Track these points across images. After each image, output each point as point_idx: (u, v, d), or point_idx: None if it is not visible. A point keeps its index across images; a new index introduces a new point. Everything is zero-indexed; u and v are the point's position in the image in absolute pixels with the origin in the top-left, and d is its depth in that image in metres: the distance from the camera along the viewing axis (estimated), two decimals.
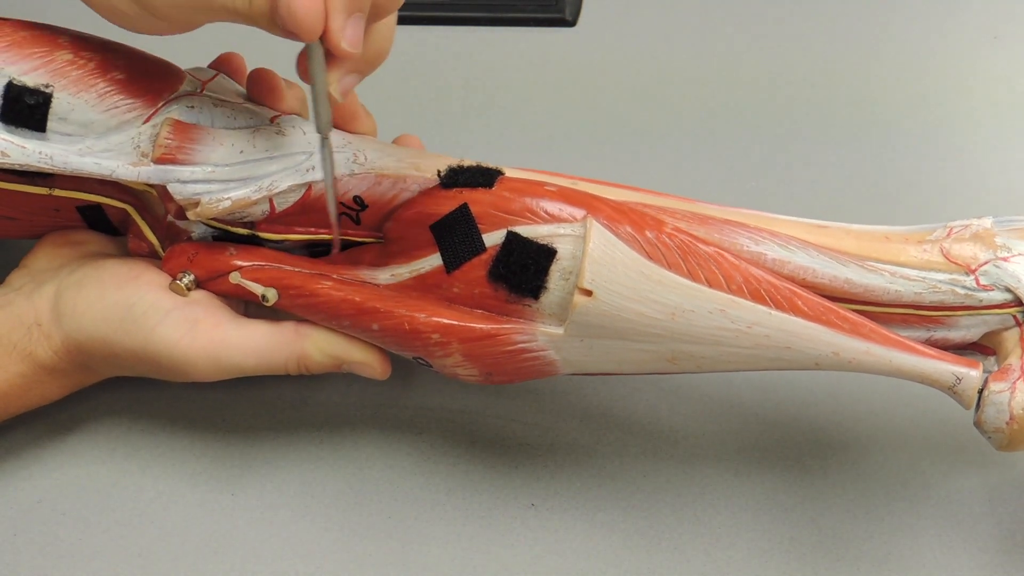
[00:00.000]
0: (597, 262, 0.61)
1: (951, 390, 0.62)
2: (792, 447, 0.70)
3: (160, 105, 0.64)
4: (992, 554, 0.66)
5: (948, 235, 0.64)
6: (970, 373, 0.61)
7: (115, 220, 0.68)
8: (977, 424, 0.62)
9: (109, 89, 0.63)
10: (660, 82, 0.86)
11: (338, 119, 0.67)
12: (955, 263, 0.64)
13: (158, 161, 0.63)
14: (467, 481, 0.68)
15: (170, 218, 0.66)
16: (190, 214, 0.63)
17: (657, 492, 0.68)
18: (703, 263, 0.62)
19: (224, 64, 0.69)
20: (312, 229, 0.65)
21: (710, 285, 0.61)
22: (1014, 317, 0.64)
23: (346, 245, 0.66)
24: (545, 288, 0.62)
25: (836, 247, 0.64)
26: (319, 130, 0.61)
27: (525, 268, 0.62)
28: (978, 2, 0.89)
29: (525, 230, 0.62)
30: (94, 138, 0.63)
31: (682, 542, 0.66)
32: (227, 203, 0.63)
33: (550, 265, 0.62)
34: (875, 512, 0.68)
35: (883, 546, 0.66)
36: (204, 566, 0.65)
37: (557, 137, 0.83)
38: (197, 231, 0.66)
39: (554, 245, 0.62)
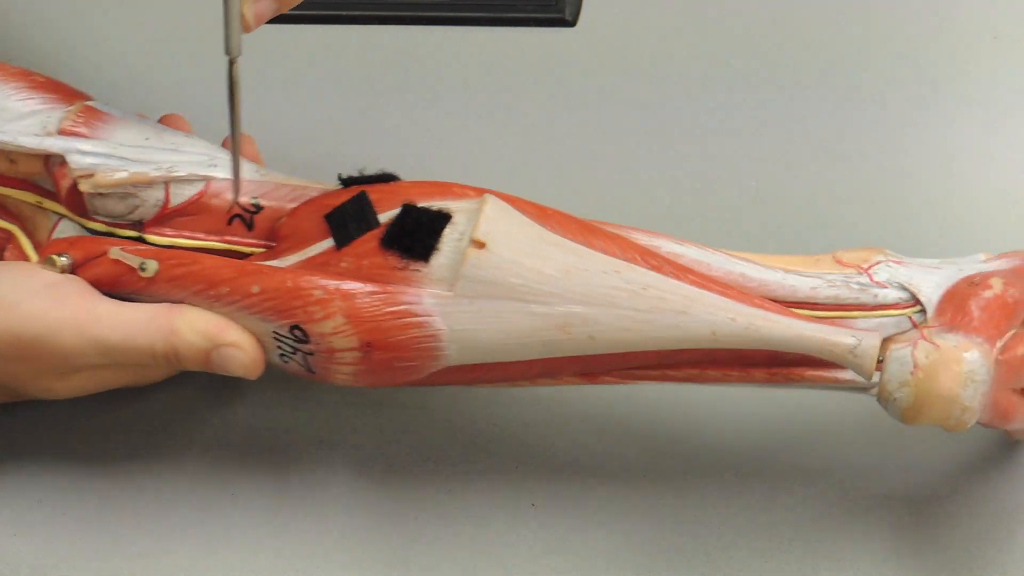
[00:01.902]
0: (492, 219, 0.61)
1: (851, 354, 0.59)
2: (793, 447, 0.70)
3: (77, 101, 0.65)
4: (994, 553, 0.66)
5: (838, 251, 0.65)
6: (869, 335, 0.60)
7: None
8: (880, 392, 0.60)
9: (28, 85, 0.65)
10: (660, 82, 0.86)
11: None
12: (847, 265, 0.64)
13: (62, 133, 0.63)
14: (467, 481, 0.68)
15: (58, 229, 0.65)
16: (84, 184, 0.62)
17: (657, 492, 0.68)
18: (600, 236, 0.62)
19: (166, 123, 0.69)
20: (201, 235, 0.64)
21: (605, 254, 0.61)
22: (910, 319, 0.63)
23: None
24: (437, 249, 0.61)
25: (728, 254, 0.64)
26: (227, 52, 0.59)
27: (419, 229, 0.61)
28: (978, 2, 0.89)
29: (422, 203, 0.62)
30: (2, 122, 0.64)
31: (682, 542, 0.66)
32: (123, 174, 0.62)
33: (444, 227, 0.61)
34: (875, 511, 0.68)
35: (883, 546, 0.66)
36: (204, 566, 0.65)
37: (557, 137, 0.83)
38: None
39: (450, 212, 0.62)
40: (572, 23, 0.69)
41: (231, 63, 0.60)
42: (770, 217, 0.80)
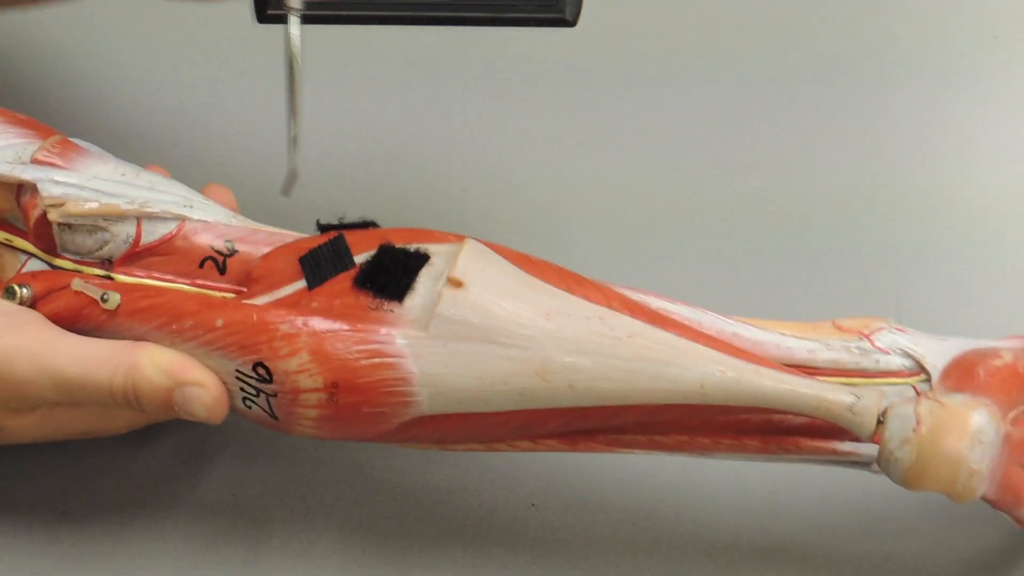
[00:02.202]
0: (472, 258, 0.59)
1: (849, 411, 0.56)
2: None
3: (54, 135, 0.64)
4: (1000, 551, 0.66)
5: (838, 318, 0.62)
6: (869, 392, 0.56)
7: None
8: (880, 452, 0.57)
9: (5, 120, 0.63)
10: (661, 83, 0.86)
11: None
12: (847, 331, 0.61)
13: (35, 162, 0.62)
14: (467, 481, 0.68)
15: (25, 268, 0.63)
16: (53, 213, 0.61)
17: (658, 493, 0.68)
18: (584, 284, 0.59)
19: None
20: (171, 276, 0.62)
21: (589, 300, 0.59)
22: (914, 388, 0.60)
23: None
24: (412, 289, 0.58)
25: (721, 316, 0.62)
26: (286, 4, 0.59)
27: (394, 267, 0.59)
28: (978, 2, 0.89)
29: (400, 245, 0.60)
30: None
31: (683, 543, 0.66)
32: (94, 204, 0.61)
33: (420, 266, 0.59)
34: (874, 511, 0.67)
35: (883, 546, 0.66)
36: (204, 566, 0.65)
37: (556, 137, 0.83)
38: None
39: (428, 253, 0.60)
40: (572, 23, 0.69)
41: (290, 10, 0.59)
42: (770, 216, 0.80)
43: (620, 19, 0.89)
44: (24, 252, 0.63)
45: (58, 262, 0.62)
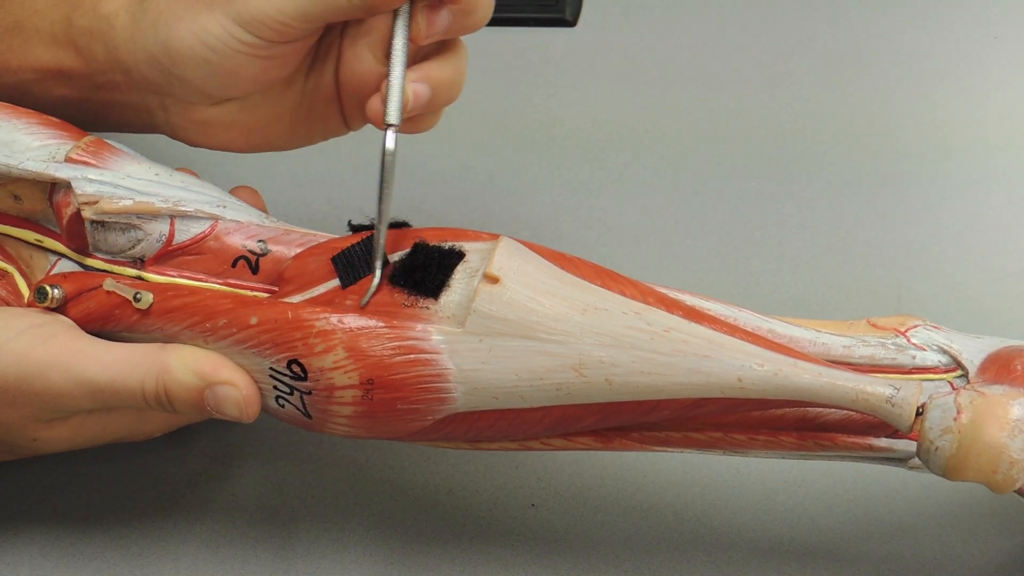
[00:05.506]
0: (508, 254, 0.58)
1: (888, 403, 0.55)
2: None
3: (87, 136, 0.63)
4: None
5: (873, 317, 0.62)
6: (908, 384, 0.56)
7: None
8: (920, 443, 0.56)
9: (39, 122, 0.63)
10: (661, 82, 0.86)
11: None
12: (883, 328, 0.61)
13: (69, 161, 0.61)
14: (467, 481, 0.68)
15: (56, 268, 0.63)
16: (88, 211, 0.61)
17: (657, 492, 0.68)
18: (619, 281, 0.59)
19: None
20: (203, 276, 0.62)
21: (625, 296, 0.58)
22: (950, 383, 0.60)
23: None
24: (448, 286, 0.58)
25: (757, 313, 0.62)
26: (385, 116, 0.60)
27: (429, 264, 0.58)
28: (978, 2, 0.89)
29: (434, 243, 0.60)
30: (11, 153, 0.62)
31: (682, 542, 0.66)
32: (129, 202, 0.61)
33: (456, 264, 0.59)
34: (874, 511, 0.67)
35: (883, 546, 0.66)
36: (204, 566, 0.65)
37: (557, 138, 0.83)
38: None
39: (463, 251, 0.59)
40: (572, 23, 0.69)
41: (387, 127, 0.60)
42: (770, 215, 0.80)
43: (620, 19, 0.89)
44: (54, 253, 0.63)
45: (89, 262, 0.62)
